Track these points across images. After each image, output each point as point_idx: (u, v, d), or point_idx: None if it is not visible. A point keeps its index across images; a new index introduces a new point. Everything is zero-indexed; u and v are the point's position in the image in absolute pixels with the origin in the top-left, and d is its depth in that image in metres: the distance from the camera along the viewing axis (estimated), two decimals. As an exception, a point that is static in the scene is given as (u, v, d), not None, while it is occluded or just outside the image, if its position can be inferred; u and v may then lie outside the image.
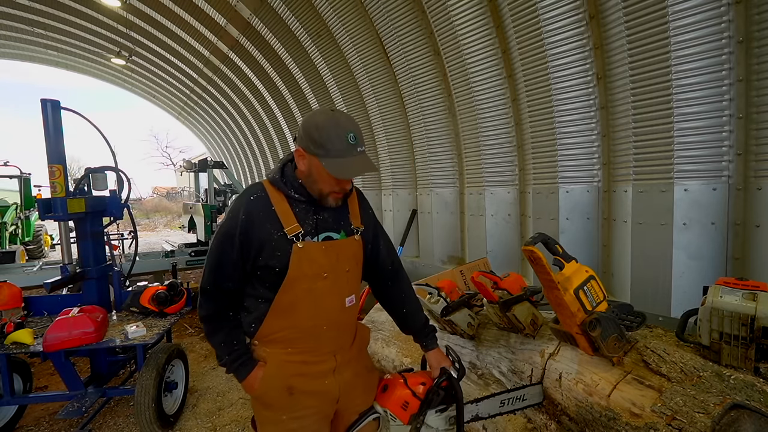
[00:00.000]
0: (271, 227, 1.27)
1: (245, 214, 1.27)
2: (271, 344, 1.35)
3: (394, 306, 1.60)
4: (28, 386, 2.86)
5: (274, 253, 1.27)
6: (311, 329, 1.34)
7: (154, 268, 5.65)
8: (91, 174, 3.11)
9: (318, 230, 1.33)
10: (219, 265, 1.31)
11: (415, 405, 1.41)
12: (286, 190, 1.31)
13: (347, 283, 1.39)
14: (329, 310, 1.35)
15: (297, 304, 1.31)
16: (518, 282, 2.15)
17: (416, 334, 1.57)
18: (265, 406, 1.36)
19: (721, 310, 1.56)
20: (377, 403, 1.48)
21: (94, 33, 10.18)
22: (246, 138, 11.26)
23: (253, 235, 1.27)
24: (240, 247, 1.28)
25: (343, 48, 5.63)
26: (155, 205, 28.95)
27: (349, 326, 1.46)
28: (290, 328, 1.33)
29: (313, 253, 1.29)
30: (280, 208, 1.29)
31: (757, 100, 2.43)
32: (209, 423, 2.94)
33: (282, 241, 1.27)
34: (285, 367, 1.33)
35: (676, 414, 1.38)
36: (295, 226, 1.28)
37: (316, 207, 1.34)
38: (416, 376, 1.49)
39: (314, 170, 1.27)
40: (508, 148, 4.03)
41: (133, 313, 3.05)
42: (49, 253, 11.33)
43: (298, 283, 1.29)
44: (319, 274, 1.30)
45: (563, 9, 3.16)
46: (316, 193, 1.31)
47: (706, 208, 2.66)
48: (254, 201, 1.30)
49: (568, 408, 1.73)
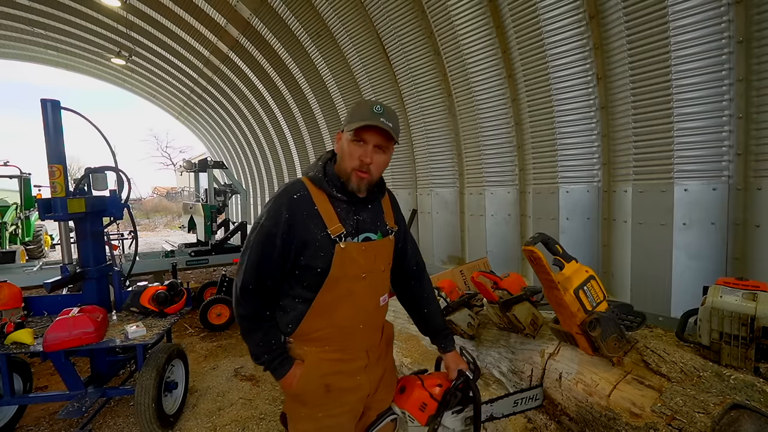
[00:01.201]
0: (315, 227, 1.27)
1: (288, 212, 1.26)
2: (309, 343, 1.35)
3: (415, 306, 1.62)
4: (28, 386, 2.86)
5: (318, 253, 1.27)
6: (349, 328, 1.35)
7: (154, 268, 5.65)
8: (91, 174, 3.10)
9: (358, 231, 1.34)
10: (261, 263, 1.29)
11: (433, 406, 1.43)
12: (328, 189, 1.31)
13: (382, 282, 1.42)
14: (366, 310, 1.38)
15: (337, 304, 1.31)
16: (518, 282, 2.15)
17: (435, 336, 1.59)
18: (302, 404, 1.37)
19: (721, 310, 1.56)
20: (395, 405, 1.50)
21: (93, 33, 10.18)
22: (246, 138, 11.26)
23: (296, 235, 1.26)
24: (282, 245, 1.27)
25: (343, 48, 5.63)
26: (155, 205, 28.96)
27: (381, 324, 1.50)
28: (329, 327, 1.33)
29: (354, 253, 1.30)
30: (323, 208, 1.29)
31: (757, 100, 2.43)
32: (209, 423, 2.94)
33: (325, 242, 1.27)
34: (322, 365, 1.34)
35: (676, 414, 1.38)
36: (339, 227, 1.28)
37: (356, 207, 1.35)
38: (432, 377, 1.52)
39: (345, 146, 1.29)
40: (508, 148, 4.03)
41: (133, 313, 3.04)
42: (49, 253, 11.33)
43: (339, 284, 1.29)
44: (359, 275, 1.32)
45: (563, 9, 3.16)
46: (344, 175, 1.30)
47: (706, 208, 2.66)
48: (297, 200, 1.29)
49: (568, 408, 1.73)
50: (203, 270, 7.88)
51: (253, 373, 3.77)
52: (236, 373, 3.77)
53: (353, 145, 1.27)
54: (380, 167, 1.34)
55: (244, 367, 3.90)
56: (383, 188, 1.49)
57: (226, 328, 5.01)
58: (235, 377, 3.69)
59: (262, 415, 3.04)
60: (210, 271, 8.30)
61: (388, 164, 1.40)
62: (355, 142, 1.27)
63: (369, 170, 1.30)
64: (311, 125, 7.59)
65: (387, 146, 1.32)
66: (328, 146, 7.32)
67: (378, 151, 1.30)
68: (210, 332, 4.94)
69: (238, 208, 13.82)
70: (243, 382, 3.59)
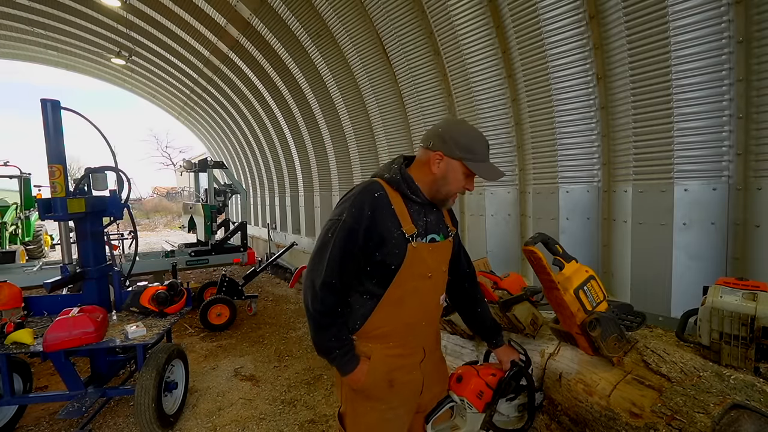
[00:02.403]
0: (392, 225, 1.34)
1: (371, 210, 1.33)
2: (373, 340, 1.40)
3: (468, 306, 1.70)
4: (28, 386, 2.86)
5: (393, 250, 1.33)
6: (413, 325, 1.43)
7: (154, 268, 5.66)
8: (91, 174, 3.11)
9: (427, 231, 1.42)
10: (344, 259, 1.33)
11: (489, 394, 1.55)
12: (404, 191, 1.39)
13: (443, 282, 1.51)
14: (429, 307, 1.46)
15: (404, 300, 1.38)
16: (518, 282, 2.15)
17: (486, 333, 1.68)
18: (366, 398, 1.42)
19: (721, 310, 1.56)
20: (454, 393, 1.59)
21: (94, 33, 10.17)
22: (246, 138, 11.25)
23: (376, 232, 1.33)
24: (364, 241, 1.32)
25: (343, 48, 5.63)
26: (155, 205, 28.96)
27: (438, 321, 1.60)
28: (394, 324, 1.40)
29: (423, 253, 1.38)
30: (398, 208, 1.36)
31: (757, 100, 2.42)
32: (209, 423, 2.94)
33: (400, 240, 1.34)
34: (387, 361, 1.40)
35: (676, 414, 1.38)
36: (412, 227, 1.36)
37: (426, 209, 1.43)
38: (486, 368, 1.64)
39: (451, 173, 1.38)
40: (508, 148, 4.03)
41: (133, 313, 3.05)
42: (49, 253, 11.34)
43: (408, 281, 1.36)
44: (425, 274, 1.39)
45: (563, 9, 3.16)
46: (442, 195, 1.41)
47: (706, 208, 2.65)
48: (378, 198, 1.35)
49: (568, 408, 1.73)
50: (203, 270, 7.89)
51: (253, 373, 3.77)
52: (236, 373, 3.77)
53: (462, 175, 1.39)
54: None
55: (244, 367, 3.91)
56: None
57: (226, 328, 5.02)
58: (235, 377, 3.69)
59: (262, 415, 3.04)
60: (210, 271, 8.30)
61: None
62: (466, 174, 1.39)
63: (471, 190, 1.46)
64: (311, 125, 7.59)
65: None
66: (327, 146, 7.32)
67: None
68: (210, 332, 4.94)
69: (238, 208, 13.82)
70: (243, 382, 3.59)
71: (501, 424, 1.66)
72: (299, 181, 8.87)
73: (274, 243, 9.61)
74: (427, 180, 1.41)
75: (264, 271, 5.92)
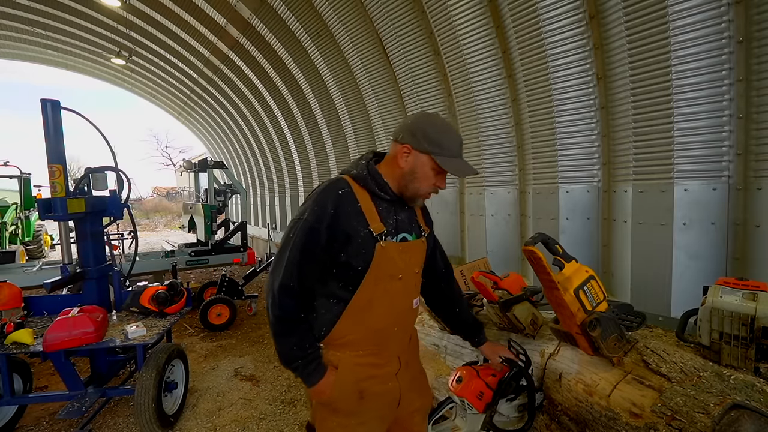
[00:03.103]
0: (358, 224, 1.26)
1: (334, 208, 1.24)
2: (342, 348, 1.31)
3: (446, 306, 1.65)
4: (28, 386, 2.86)
5: (360, 250, 1.25)
6: (383, 331, 1.33)
7: (154, 268, 5.66)
8: (91, 174, 3.11)
9: (397, 230, 1.33)
10: (304, 260, 1.25)
11: (489, 395, 1.55)
12: (371, 188, 1.31)
13: (415, 285, 1.42)
14: (400, 312, 1.37)
15: (373, 304, 1.29)
16: (518, 282, 2.15)
17: (467, 331, 1.64)
18: (333, 412, 1.32)
19: (721, 310, 1.56)
20: (454, 393, 1.58)
21: (94, 33, 10.17)
22: (246, 138, 11.26)
23: (340, 231, 1.24)
24: (326, 241, 1.24)
25: (343, 48, 5.63)
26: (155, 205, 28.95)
27: (412, 328, 1.49)
28: (363, 330, 1.30)
29: (392, 253, 1.29)
30: (365, 206, 1.28)
31: (757, 100, 2.42)
32: (209, 423, 2.94)
33: (367, 239, 1.26)
34: (356, 370, 1.30)
35: (676, 414, 1.38)
36: (380, 225, 1.28)
37: (395, 207, 1.35)
38: (486, 368, 1.64)
39: (419, 168, 1.29)
40: (508, 148, 4.03)
41: (133, 313, 3.04)
42: (49, 253, 11.34)
43: (377, 283, 1.28)
44: (395, 275, 1.31)
45: (563, 9, 3.16)
46: (410, 192, 1.32)
47: (706, 208, 2.65)
48: (342, 196, 1.27)
49: (569, 408, 1.73)
50: (203, 270, 7.89)
51: (253, 373, 3.77)
52: (236, 373, 3.77)
53: (432, 172, 1.30)
54: None
55: (244, 367, 3.91)
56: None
57: (226, 328, 5.02)
58: (235, 377, 3.69)
59: (262, 415, 3.04)
60: (210, 271, 8.30)
61: None
62: (435, 170, 1.30)
63: (442, 188, 1.37)
64: (311, 125, 7.59)
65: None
66: (327, 146, 7.32)
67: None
68: (210, 332, 4.94)
69: (238, 208, 13.82)
70: (243, 382, 3.59)
71: (501, 424, 1.66)
72: (299, 181, 8.87)
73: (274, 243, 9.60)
74: (396, 175, 1.33)
75: (264, 271, 5.92)
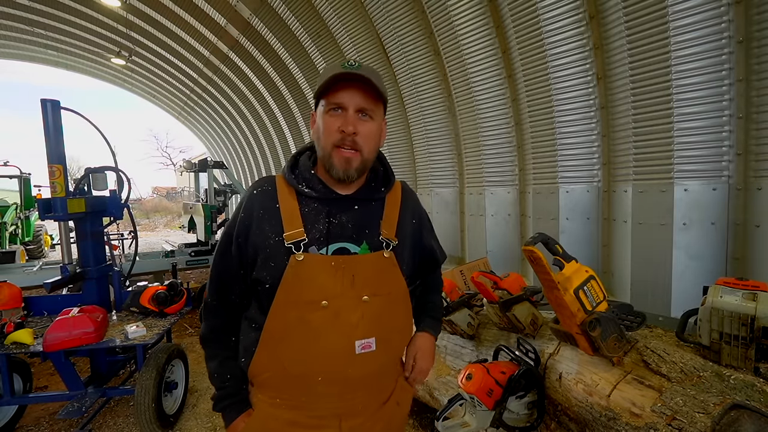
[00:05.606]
0: (270, 230, 0.99)
1: (244, 211, 1.02)
2: (261, 388, 1.05)
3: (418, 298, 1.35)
4: (28, 386, 2.86)
5: (267, 263, 0.98)
6: (301, 378, 0.99)
7: (154, 268, 5.65)
8: (91, 174, 3.11)
9: (329, 239, 0.99)
10: (220, 274, 1.07)
11: (498, 392, 1.56)
12: (296, 185, 1.03)
13: (362, 318, 0.99)
14: (326, 356, 0.98)
15: (285, 338, 0.98)
16: (518, 282, 2.15)
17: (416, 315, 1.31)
18: None
19: (721, 310, 1.56)
20: (464, 390, 1.58)
21: (94, 33, 10.18)
22: (246, 138, 11.26)
23: (250, 239, 1.00)
24: (238, 252, 1.02)
25: (343, 48, 5.64)
26: (155, 205, 28.95)
27: (366, 384, 1.05)
28: (281, 369, 1.00)
29: (314, 269, 0.96)
30: (286, 207, 1.00)
31: (757, 100, 2.43)
32: (209, 423, 2.94)
33: (277, 249, 0.97)
34: (269, 424, 1.02)
35: (676, 414, 1.38)
36: (298, 231, 0.97)
37: (332, 207, 1.02)
38: (496, 365, 1.65)
39: (321, 121, 0.99)
40: (508, 148, 4.03)
41: (133, 313, 3.04)
42: (49, 253, 11.33)
43: (287, 309, 0.97)
44: (316, 301, 0.96)
45: (563, 9, 3.16)
46: (325, 160, 1.00)
47: (706, 208, 2.65)
48: (257, 196, 1.03)
49: (569, 408, 1.73)
50: (203, 270, 7.88)
51: (253, 373, 3.77)
52: (236, 373, 3.77)
53: (328, 116, 0.97)
54: (370, 139, 1.00)
55: (244, 367, 3.90)
56: (389, 181, 1.11)
57: (226, 328, 5.01)
58: (235, 377, 3.69)
59: (262, 415, 3.04)
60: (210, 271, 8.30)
61: (382, 137, 1.07)
62: (331, 111, 0.97)
63: (355, 144, 0.97)
64: (311, 125, 7.60)
65: (374, 110, 0.99)
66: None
67: (363, 117, 0.98)
68: (210, 332, 4.93)
69: (238, 208, 13.82)
70: (243, 382, 3.58)
71: (510, 421, 1.66)
72: (299, 181, 8.88)
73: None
74: (318, 156, 1.04)
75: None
